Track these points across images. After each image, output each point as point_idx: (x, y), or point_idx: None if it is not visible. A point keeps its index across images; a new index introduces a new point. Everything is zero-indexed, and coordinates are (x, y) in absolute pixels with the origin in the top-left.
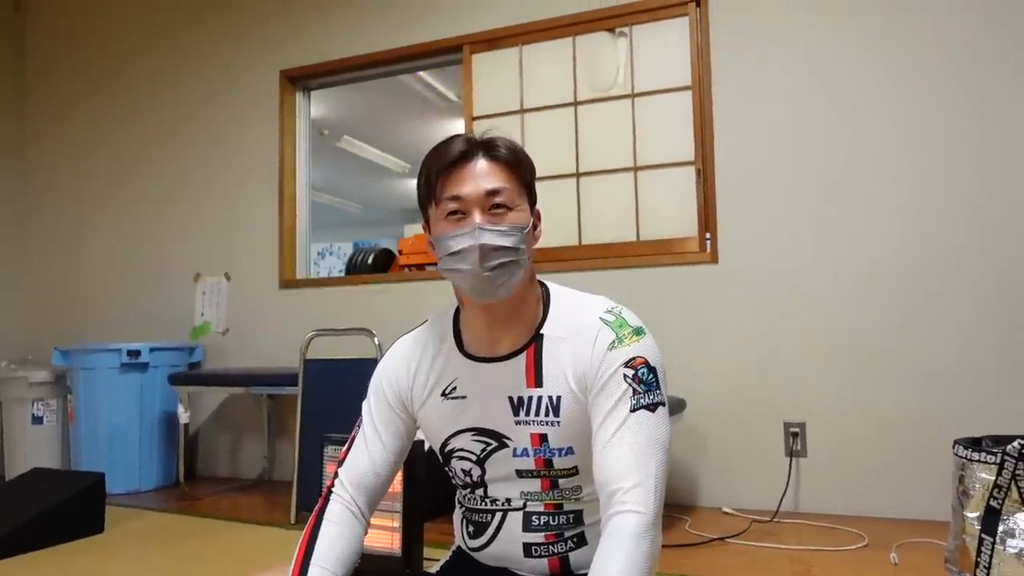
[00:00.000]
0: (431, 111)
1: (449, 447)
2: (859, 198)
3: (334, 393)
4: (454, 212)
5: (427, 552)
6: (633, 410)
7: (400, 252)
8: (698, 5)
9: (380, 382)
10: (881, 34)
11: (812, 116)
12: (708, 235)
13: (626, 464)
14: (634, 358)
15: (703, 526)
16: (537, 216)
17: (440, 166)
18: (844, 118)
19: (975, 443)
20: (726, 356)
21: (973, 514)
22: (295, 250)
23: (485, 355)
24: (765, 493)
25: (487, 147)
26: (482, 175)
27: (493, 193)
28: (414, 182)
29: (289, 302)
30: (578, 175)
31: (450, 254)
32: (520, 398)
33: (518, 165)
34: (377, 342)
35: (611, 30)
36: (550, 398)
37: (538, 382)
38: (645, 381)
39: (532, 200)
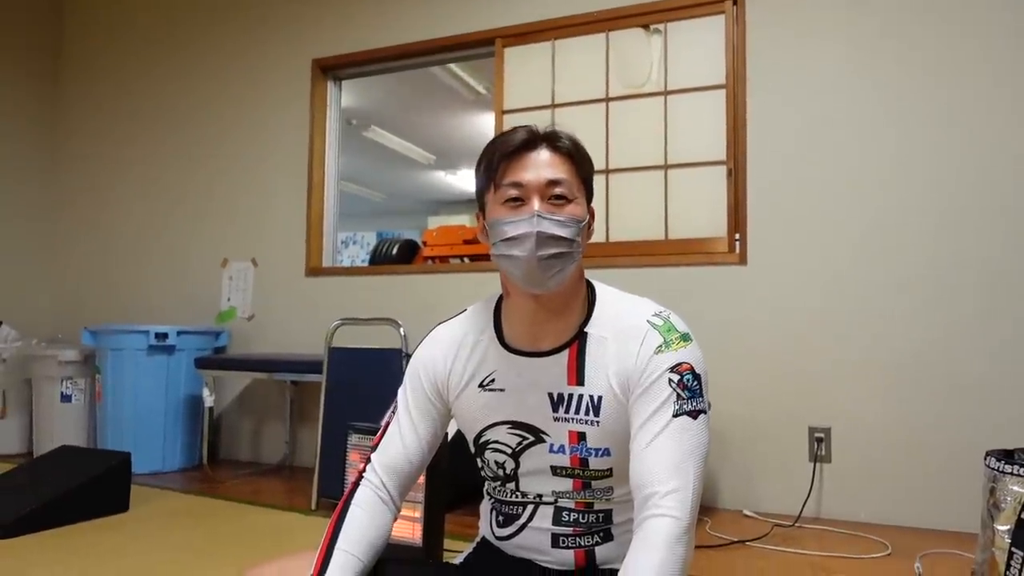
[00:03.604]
0: (460, 104)
1: (484, 439)
2: (894, 204)
3: (358, 382)
4: (513, 199)
5: (447, 544)
6: (676, 415)
7: (424, 243)
8: (735, 3)
9: (416, 369)
10: (921, 35)
11: (848, 118)
12: (737, 236)
13: (665, 468)
14: (680, 363)
15: (723, 528)
16: (592, 213)
17: (503, 152)
18: (882, 122)
19: (1007, 455)
20: (752, 358)
21: (1003, 527)
22: (322, 238)
23: (526, 349)
24: (787, 498)
25: (550, 138)
26: (544, 164)
27: (554, 183)
28: (440, 174)
29: (314, 290)
30: (607, 172)
31: (505, 239)
32: (560, 395)
33: (579, 159)
34: (403, 332)
35: (646, 26)
36: (591, 397)
37: (579, 380)
38: (689, 387)
39: (589, 196)
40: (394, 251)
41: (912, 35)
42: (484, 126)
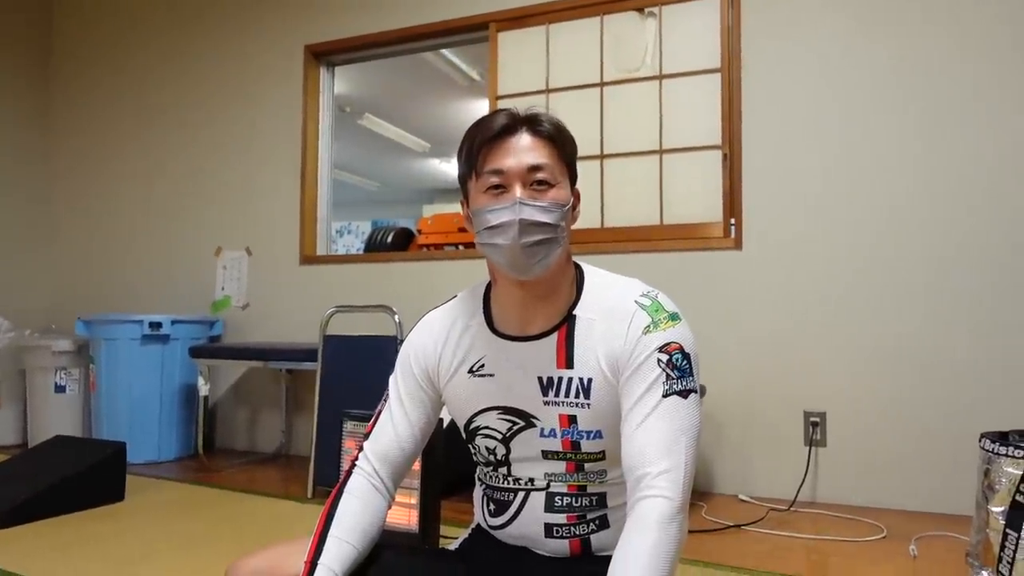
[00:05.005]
0: (453, 90)
1: (474, 425)
2: (890, 189)
3: (353, 369)
4: (495, 186)
5: (443, 530)
6: (665, 395)
7: (419, 231)
8: None
9: (407, 356)
10: (918, 19)
11: (845, 103)
12: (732, 221)
13: (656, 449)
14: (669, 343)
15: (719, 513)
16: (576, 196)
17: (483, 139)
18: (878, 107)
19: (1002, 437)
20: (747, 343)
21: (998, 509)
22: (316, 226)
23: (515, 334)
24: (782, 482)
25: (531, 122)
26: (525, 150)
27: (535, 168)
28: (434, 162)
29: (309, 278)
30: (602, 157)
31: (488, 228)
32: (550, 378)
33: (561, 142)
34: (397, 320)
35: (640, 10)
36: (581, 380)
37: (569, 363)
38: (679, 367)
39: (573, 179)
40: (389, 239)
41: (908, 19)
42: (478, 112)
